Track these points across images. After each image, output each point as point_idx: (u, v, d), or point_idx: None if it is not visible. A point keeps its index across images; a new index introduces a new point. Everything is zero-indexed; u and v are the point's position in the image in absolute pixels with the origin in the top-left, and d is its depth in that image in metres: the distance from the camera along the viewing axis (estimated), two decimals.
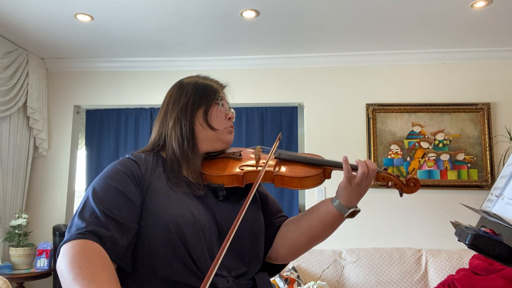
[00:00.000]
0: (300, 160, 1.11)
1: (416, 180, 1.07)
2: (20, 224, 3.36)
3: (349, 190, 1.03)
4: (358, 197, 1.05)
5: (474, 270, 2.56)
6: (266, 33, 3.29)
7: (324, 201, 1.10)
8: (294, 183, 1.05)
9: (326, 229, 1.09)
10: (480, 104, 3.55)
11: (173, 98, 1.13)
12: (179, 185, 1.02)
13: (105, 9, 2.92)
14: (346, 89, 3.75)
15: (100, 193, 0.93)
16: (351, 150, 3.64)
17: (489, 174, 3.45)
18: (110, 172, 0.99)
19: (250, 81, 3.82)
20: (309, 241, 1.11)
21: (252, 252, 1.06)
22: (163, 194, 0.99)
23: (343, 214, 1.05)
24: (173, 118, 1.10)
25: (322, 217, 1.08)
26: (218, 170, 1.09)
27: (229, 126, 1.14)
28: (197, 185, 1.06)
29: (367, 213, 3.54)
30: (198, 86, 1.14)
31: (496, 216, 0.90)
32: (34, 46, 3.60)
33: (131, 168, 1.01)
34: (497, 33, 3.27)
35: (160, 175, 1.04)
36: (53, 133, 3.91)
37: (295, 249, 1.13)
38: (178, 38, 3.40)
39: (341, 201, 1.05)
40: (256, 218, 1.10)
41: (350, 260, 3.25)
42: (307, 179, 1.05)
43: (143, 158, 1.06)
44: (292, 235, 1.12)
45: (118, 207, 0.92)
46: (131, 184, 0.98)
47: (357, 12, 2.94)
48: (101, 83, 3.96)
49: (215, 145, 1.13)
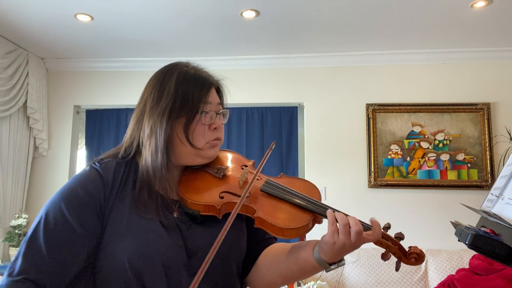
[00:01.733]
0: (289, 200, 0.93)
1: (419, 256, 0.92)
2: (20, 224, 3.36)
3: (332, 248, 0.86)
4: (343, 254, 0.88)
5: (474, 270, 2.56)
6: (266, 33, 3.29)
7: (304, 247, 0.94)
8: (275, 231, 0.89)
9: (304, 274, 0.96)
10: (480, 104, 3.55)
11: (152, 98, 0.96)
12: (146, 209, 0.90)
13: (105, 9, 2.92)
14: (346, 89, 3.75)
15: (51, 227, 0.85)
16: (351, 150, 3.64)
17: (489, 174, 3.45)
18: (67, 197, 0.88)
19: (250, 81, 3.82)
20: (285, 281, 1.00)
21: (226, 282, 0.94)
22: (124, 222, 0.87)
23: (324, 269, 0.91)
24: (150, 125, 0.94)
25: (301, 265, 0.93)
26: (194, 195, 0.94)
27: (213, 140, 0.97)
28: (171, 205, 0.95)
29: (367, 213, 3.54)
30: (182, 85, 0.95)
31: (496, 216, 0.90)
32: (34, 46, 3.60)
33: (96, 188, 0.89)
34: (497, 33, 3.27)
35: (127, 194, 0.91)
36: (53, 133, 3.91)
37: (270, 286, 1.02)
38: (178, 38, 3.40)
39: (322, 256, 0.89)
40: (234, 246, 0.97)
41: (350, 260, 3.25)
42: (291, 230, 0.89)
43: (112, 168, 0.93)
44: (268, 273, 1.00)
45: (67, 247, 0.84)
46: (90, 216, 0.87)
47: (357, 12, 2.94)
48: (101, 83, 3.96)
49: (195, 161, 0.98)
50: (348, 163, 3.61)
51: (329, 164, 3.65)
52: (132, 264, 0.84)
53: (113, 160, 0.96)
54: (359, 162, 3.61)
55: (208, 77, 1.00)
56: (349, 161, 3.62)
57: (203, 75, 0.99)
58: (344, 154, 3.64)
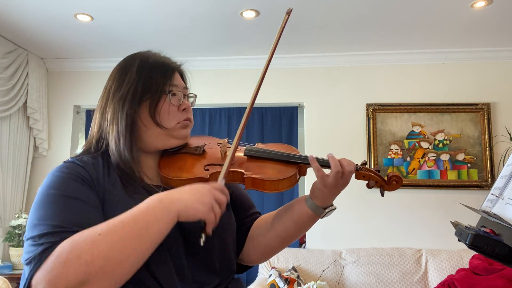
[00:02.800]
0: (271, 157, 0.98)
1: (398, 178, 0.98)
2: (20, 224, 3.36)
3: (323, 190, 0.94)
4: (333, 196, 0.96)
5: (474, 270, 2.56)
6: (266, 33, 3.29)
7: (297, 201, 1.00)
8: (267, 186, 0.92)
9: (300, 229, 1.00)
10: (480, 104, 3.55)
11: (115, 83, 0.95)
12: (137, 191, 0.87)
13: (105, 9, 2.92)
14: (346, 89, 3.75)
15: (48, 211, 0.75)
16: (351, 150, 3.64)
17: (489, 174, 3.45)
18: (51, 182, 0.81)
19: (250, 81, 3.81)
20: (283, 243, 1.02)
21: (223, 261, 0.95)
22: (121, 206, 0.81)
23: (319, 215, 0.97)
24: (111, 110, 0.92)
25: (296, 218, 0.98)
26: (178, 172, 0.93)
27: (183, 120, 0.96)
28: (155, 189, 0.91)
29: (367, 213, 3.54)
30: (143, 70, 0.94)
31: (496, 216, 0.89)
32: (34, 46, 3.60)
33: (79, 171, 0.84)
34: (497, 33, 3.27)
35: (115, 180, 0.88)
36: (53, 133, 3.91)
37: (268, 252, 1.04)
38: (178, 38, 3.40)
39: (315, 201, 0.96)
40: (225, 221, 0.97)
41: (350, 260, 3.25)
42: (282, 181, 0.93)
43: (90, 162, 0.88)
44: (264, 238, 1.02)
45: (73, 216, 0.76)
46: (83, 187, 0.81)
47: (357, 12, 2.94)
48: (101, 83, 3.88)
49: (168, 143, 0.96)
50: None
51: None
52: None
53: (86, 156, 0.91)
54: (359, 162, 3.60)
55: (170, 62, 1.00)
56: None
57: (164, 60, 0.99)
58: (344, 154, 3.61)
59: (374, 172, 1.00)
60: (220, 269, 0.94)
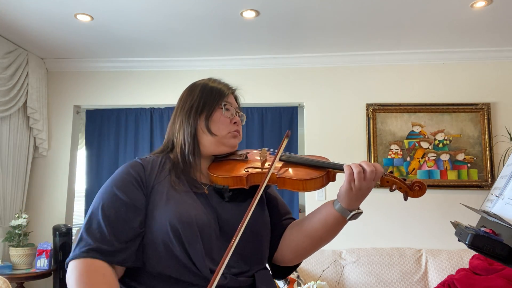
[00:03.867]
0: (304, 162, 1.11)
1: (422, 184, 1.04)
2: (20, 224, 3.36)
3: (349, 193, 1.02)
4: (359, 199, 1.04)
5: (474, 270, 2.56)
6: (266, 33, 3.29)
7: (326, 204, 1.10)
8: (296, 185, 1.05)
9: (329, 232, 1.09)
10: (480, 104, 3.55)
11: (182, 101, 1.19)
12: (182, 184, 1.06)
13: (105, 9, 2.92)
14: (346, 89, 3.75)
15: (107, 205, 1.00)
16: (351, 150, 3.64)
17: (489, 174, 3.45)
18: (117, 180, 1.05)
19: (250, 81, 3.82)
20: (313, 243, 1.12)
21: (255, 253, 1.07)
22: (165, 195, 1.03)
23: (345, 217, 1.05)
24: (179, 121, 1.15)
25: (324, 220, 1.08)
26: (223, 172, 1.11)
27: (234, 131, 1.16)
28: (202, 185, 1.10)
29: (368, 213, 3.53)
30: (205, 90, 1.17)
31: (496, 216, 0.90)
32: (34, 46, 3.60)
33: (138, 171, 1.07)
34: (497, 33, 3.27)
35: (165, 177, 1.08)
36: (53, 133, 3.91)
37: (299, 252, 1.14)
38: (178, 38, 3.40)
39: (342, 204, 1.05)
40: (259, 218, 1.11)
41: (350, 260, 3.25)
42: (310, 181, 1.04)
43: (151, 160, 1.12)
44: (296, 238, 1.13)
45: (124, 220, 0.99)
46: (136, 191, 1.03)
47: (357, 12, 2.94)
48: (101, 83, 3.96)
49: (219, 149, 1.15)
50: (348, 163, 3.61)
51: None
52: (172, 226, 0.98)
53: (152, 156, 1.15)
54: (359, 162, 3.60)
55: (228, 85, 1.23)
56: (349, 161, 3.60)
57: (223, 84, 1.22)
58: (344, 154, 3.64)
59: (399, 179, 1.05)
60: (250, 259, 1.06)
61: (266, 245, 1.13)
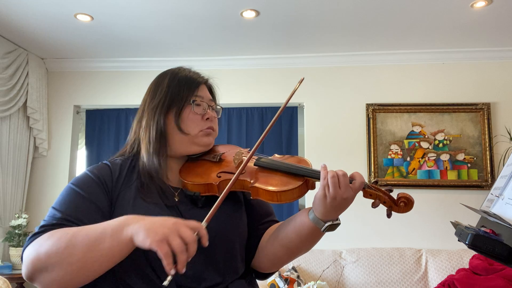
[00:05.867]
0: (280, 168, 0.98)
1: (408, 200, 0.93)
2: (20, 224, 3.36)
3: (324, 201, 0.91)
4: (336, 210, 0.93)
5: (474, 270, 2.56)
6: (266, 33, 3.29)
7: (301, 212, 1.00)
8: (270, 197, 0.94)
9: (303, 242, 0.98)
10: (480, 104, 3.55)
11: (149, 96, 1.07)
12: (149, 194, 0.97)
13: (105, 9, 2.92)
14: (346, 89, 3.75)
15: (66, 202, 0.93)
16: (351, 150, 3.64)
17: (489, 174, 3.45)
18: (78, 179, 0.98)
19: (250, 81, 3.82)
20: (289, 253, 1.02)
21: (228, 261, 0.99)
22: (130, 205, 0.95)
23: (320, 228, 0.94)
24: (145, 119, 1.05)
25: (298, 230, 0.97)
26: (194, 177, 1.01)
27: (206, 128, 1.05)
28: (172, 190, 1.01)
29: (367, 213, 3.53)
30: (172, 83, 1.06)
31: (496, 216, 0.90)
32: (34, 46, 3.60)
33: (104, 174, 0.99)
34: (497, 33, 3.27)
35: (132, 183, 0.99)
36: (53, 133, 3.91)
37: (275, 261, 1.04)
38: (178, 38, 3.40)
39: (316, 214, 0.93)
40: (233, 226, 1.02)
41: (350, 260, 3.25)
42: (285, 193, 0.93)
43: (118, 163, 1.03)
44: (272, 247, 1.03)
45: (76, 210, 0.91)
46: (98, 190, 0.96)
47: (357, 12, 2.94)
48: (101, 83, 3.96)
49: (192, 149, 1.05)
50: (348, 163, 3.61)
51: (329, 164, 3.58)
52: None
53: (119, 158, 1.06)
54: (359, 162, 3.61)
55: (197, 76, 1.10)
56: (349, 161, 3.62)
57: (192, 74, 1.10)
58: (344, 154, 3.64)
59: (383, 191, 0.95)
60: (223, 268, 0.97)
61: (241, 252, 1.03)
